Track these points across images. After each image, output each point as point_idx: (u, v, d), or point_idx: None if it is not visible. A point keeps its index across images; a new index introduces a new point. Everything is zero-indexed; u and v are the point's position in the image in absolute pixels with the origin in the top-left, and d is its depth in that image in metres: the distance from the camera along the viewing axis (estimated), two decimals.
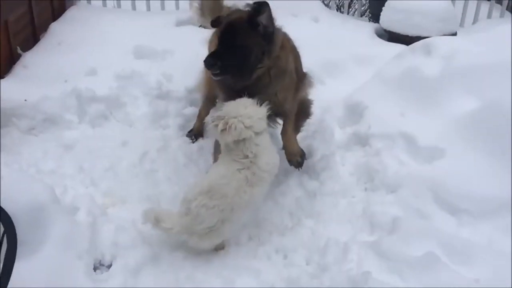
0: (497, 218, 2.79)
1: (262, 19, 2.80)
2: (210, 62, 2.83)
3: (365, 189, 3.25)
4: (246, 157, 2.70)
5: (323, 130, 3.80)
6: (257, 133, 2.71)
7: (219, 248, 2.82)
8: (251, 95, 2.82)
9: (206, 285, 2.61)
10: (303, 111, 3.44)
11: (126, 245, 2.79)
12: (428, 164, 3.13)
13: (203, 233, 2.66)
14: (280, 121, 3.29)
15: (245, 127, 2.67)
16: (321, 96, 4.31)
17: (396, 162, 3.23)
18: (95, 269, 2.69)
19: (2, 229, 1.90)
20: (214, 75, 2.89)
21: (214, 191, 2.65)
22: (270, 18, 2.84)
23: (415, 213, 2.88)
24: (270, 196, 3.25)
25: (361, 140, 3.55)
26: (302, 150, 3.37)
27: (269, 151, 2.81)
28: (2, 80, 4.16)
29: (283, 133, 3.29)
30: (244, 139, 2.68)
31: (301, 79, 3.28)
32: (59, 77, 4.31)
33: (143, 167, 3.52)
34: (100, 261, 2.76)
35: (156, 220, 2.65)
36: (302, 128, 3.54)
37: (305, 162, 3.57)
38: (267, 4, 2.80)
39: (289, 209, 3.16)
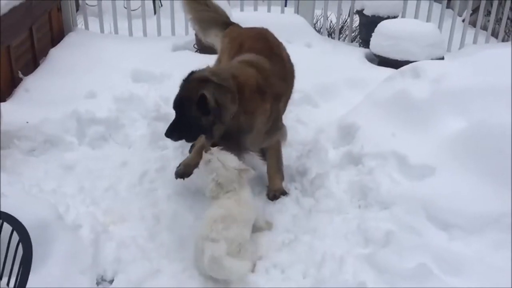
0: (487, 233, 2.87)
1: (210, 104, 2.93)
2: (168, 134, 3.12)
3: (359, 206, 3.34)
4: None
5: (317, 150, 3.92)
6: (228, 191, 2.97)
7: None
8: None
9: None
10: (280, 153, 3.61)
11: (128, 261, 2.86)
12: (419, 182, 3.24)
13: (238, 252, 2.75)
14: None
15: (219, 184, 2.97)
16: (315, 118, 4.49)
17: (389, 180, 3.33)
18: (97, 284, 2.75)
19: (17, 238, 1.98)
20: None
21: (219, 217, 2.79)
22: (219, 100, 2.94)
23: (408, 229, 2.97)
24: (267, 213, 3.36)
25: (354, 160, 3.67)
26: (283, 190, 3.55)
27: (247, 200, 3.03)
28: (4, 103, 4.26)
29: (267, 171, 3.58)
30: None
31: (273, 129, 3.39)
32: (59, 100, 4.42)
33: (143, 186, 3.60)
34: (102, 276, 2.82)
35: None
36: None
37: (301, 180, 3.70)
38: (203, 95, 2.92)
39: (286, 226, 3.24)
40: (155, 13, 8.54)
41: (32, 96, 4.55)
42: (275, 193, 3.54)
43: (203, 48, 6.00)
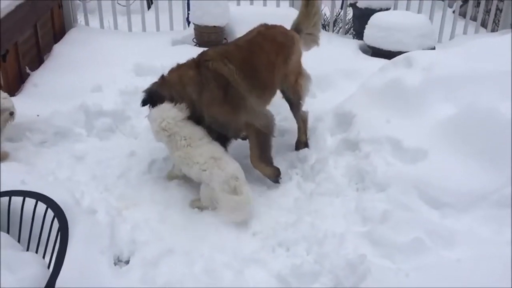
0: (476, 209, 3.08)
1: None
2: None
3: (357, 189, 3.55)
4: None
5: (316, 137, 4.13)
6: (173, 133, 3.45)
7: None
8: None
9: (218, 275, 2.88)
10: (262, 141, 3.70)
11: (142, 242, 3.07)
12: (413, 164, 3.42)
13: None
14: None
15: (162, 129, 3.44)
16: (313, 107, 4.66)
17: (384, 164, 3.52)
18: (114, 264, 2.95)
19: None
20: None
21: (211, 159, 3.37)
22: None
23: (403, 207, 3.17)
24: (271, 197, 3.58)
25: (351, 145, 3.86)
26: (275, 170, 3.70)
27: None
28: (14, 97, 4.42)
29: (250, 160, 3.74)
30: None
31: (233, 107, 3.59)
32: (67, 94, 4.60)
33: (152, 174, 3.80)
34: (118, 257, 3.02)
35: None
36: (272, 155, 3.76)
37: (302, 166, 3.90)
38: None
39: (289, 208, 3.46)
40: (148, 8, 8.72)
41: (40, 90, 4.72)
42: (272, 179, 3.71)
43: (202, 42, 6.19)
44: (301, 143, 4.13)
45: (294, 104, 4.14)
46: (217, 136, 3.74)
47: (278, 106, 4.22)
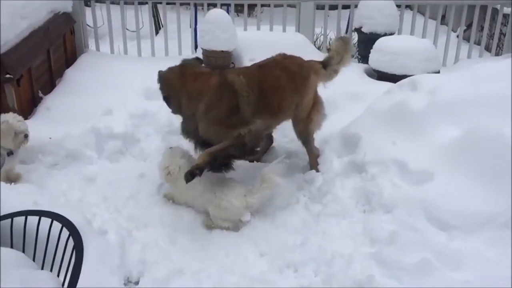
0: (482, 231, 3.10)
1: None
2: None
3: (364, 211, 3.58)
4: None
5: (323, 160, 4.17)
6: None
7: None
8: None
9: None
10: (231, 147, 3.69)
11: (152, 262, 3.11)
12: (419, 186, 3.45)
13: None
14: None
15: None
16: (319, 130, 4.73)
17: (391, 185, 3.55)
18: (124, 284, 2.99)
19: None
20: None
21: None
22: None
23: (410, 229, 3.20)
24: (279, 218, 3.61)
25: (358, 167, 3.90)
26: (202, 164, 3.53)
27: None
28: (27, 120, 4.52)
29: None
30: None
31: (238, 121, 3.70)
32: (78, 117, 4.70)
33: (161, 196, 3.86)
34: (128, 278, 3.06)
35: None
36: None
37: (309, 188, 3.93)
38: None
39: (297, 229, 3.49)
40: (156, 33, 8.90)
41: (53, 114, 4.83)
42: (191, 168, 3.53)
43: (209, 66, 6.30)
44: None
45: (302, 138, 4.22)
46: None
47: (284, 128, 4.29)
